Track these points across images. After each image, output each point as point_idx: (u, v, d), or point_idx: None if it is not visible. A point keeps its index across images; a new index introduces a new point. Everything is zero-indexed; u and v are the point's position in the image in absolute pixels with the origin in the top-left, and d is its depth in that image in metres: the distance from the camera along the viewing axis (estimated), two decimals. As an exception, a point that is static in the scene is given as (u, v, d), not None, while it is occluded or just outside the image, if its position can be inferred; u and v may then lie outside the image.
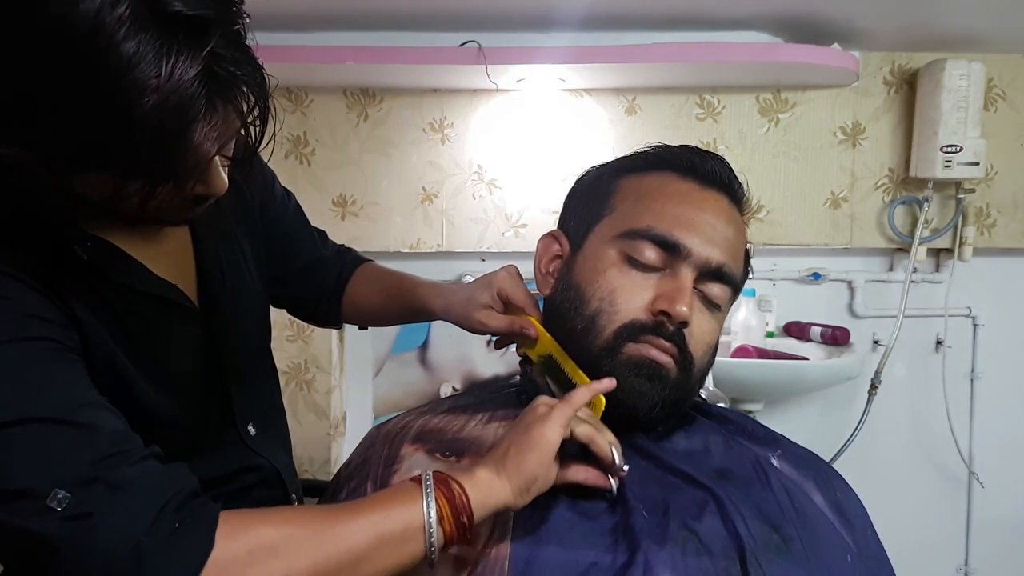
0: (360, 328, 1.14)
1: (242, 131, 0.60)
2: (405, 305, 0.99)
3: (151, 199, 0.57)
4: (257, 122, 0.60)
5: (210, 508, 0.57)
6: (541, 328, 0.80)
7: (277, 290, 0.99)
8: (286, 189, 1.02)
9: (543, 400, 0.68)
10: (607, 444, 0.66)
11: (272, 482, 0.87)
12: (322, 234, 1.08)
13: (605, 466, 0.66)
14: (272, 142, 0.63)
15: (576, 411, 0.67)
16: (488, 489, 0.62)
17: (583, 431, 0.66)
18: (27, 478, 0.54)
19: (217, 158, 0.61)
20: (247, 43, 0.58)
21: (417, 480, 0.61)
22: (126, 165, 0.54)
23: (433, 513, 0.59)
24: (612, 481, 0.67)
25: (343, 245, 1.10)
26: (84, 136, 0.52)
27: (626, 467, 0.66)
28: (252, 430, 0.86)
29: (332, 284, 1.05)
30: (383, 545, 0.58)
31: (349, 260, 1.07)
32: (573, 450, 0.67)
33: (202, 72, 0.52)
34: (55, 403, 0.57)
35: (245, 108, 0.58)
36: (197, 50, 0.52)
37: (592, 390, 0.70)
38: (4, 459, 0.54)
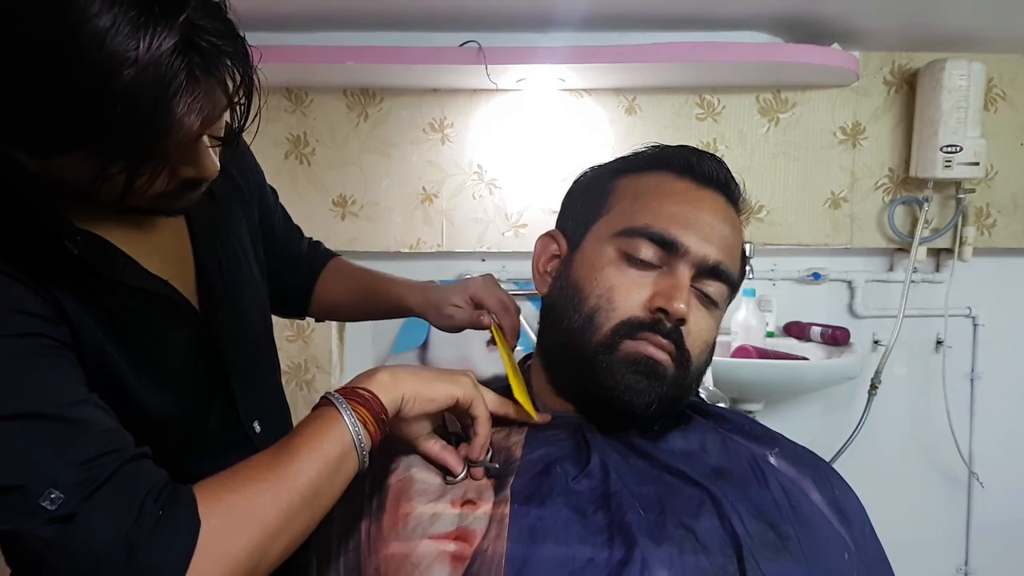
0: (316, 320, 1.21)
1: (228, 110, 0.59)
2: (379, 302, 1.03)
3: (137, 179, 0.56)
4: (243, 98, 0.60)
5: (184, 491, 0.58)
6: (497, 333, 0.88)
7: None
8: (270, 185, 1.04)
9: (472, 379, 0.72)
10: (488, 439, 0.71)
11: None
12: (298, 228, 1.11)
13: (470, 454, 0.71)
14: (258, 119, 0.63)
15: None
16: (392, 385, 0.66)
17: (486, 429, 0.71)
18: (20, 475, 0.53)
19: (206, 139, 0.60)
20: (229, 16, 0.57)
21: (327, 403, 0.65)
22: (108, 142, 0.54)
23: (359, 425, 0.63)
24: (463, 469, 0.71)
25: (311, 238, 1.13)
26: (64, 113, 0.52)
27: (495, 466, 0.71)
28: (258, 428, 0.85)
29: (304, 278, 1.07)
30: (329, 470, 0.61)
31: (319, 255, 1.10)
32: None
33: (180, 43, 0.52)
34: (48, 399, 0.57)
35: (230, 83, 0.57)
36: (173, 20, 0.51)
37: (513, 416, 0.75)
38: None
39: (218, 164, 0.64)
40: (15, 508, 0.53)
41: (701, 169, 0.78)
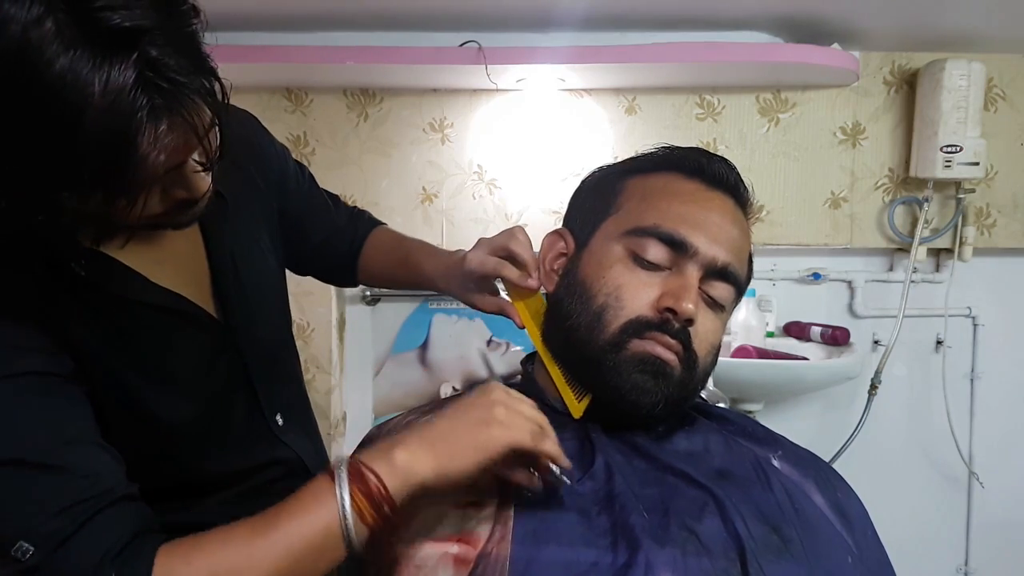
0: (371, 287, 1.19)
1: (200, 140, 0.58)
2: (412, 279, 1.02)
3: (115, 209, 0.56)
4: (212, 132, 0.58)
5: (145, 551, 0.57)
6: (527, 320, 0.83)
7: (295, 265, 1.02)
8: (298, 162, 1.02)
9: (500, 395, 0.65)
10: (556, 450, 0.65)
11: (298, 473, 0.87)
12: (335, 199, 1.09)
13: (540, 470, 0.66)
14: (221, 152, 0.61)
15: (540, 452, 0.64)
16: (407, 471, 0.60)
17: (545, 447, 0.64)
18: None
19: (192, 162, 0.60)
20: (202, 48, 0.56)
21: (327, 477, 0.60)
22: (79, 182, 0.54)
23: (349, 514, 0.58)
24: (539, 481, 0.66)
25: (355, 207, 1.11)
26: (32, 160, 0.52)
27: (567, 480, 0.65)
28: (280, 420, 0.86)
29: (346, 252, 1.06)
30: (305, 554, 0.58)
31: (362, 225, 1.09)
32: None
33: (137, 81, 0.51)
34: (34, 445, 0.58)
35: (196, 118, 0.55)
36: (127, 58, 0.50)
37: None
38: None
39: (208, 182, 0.63)
40: None
41: (711, 171, 0.78)
